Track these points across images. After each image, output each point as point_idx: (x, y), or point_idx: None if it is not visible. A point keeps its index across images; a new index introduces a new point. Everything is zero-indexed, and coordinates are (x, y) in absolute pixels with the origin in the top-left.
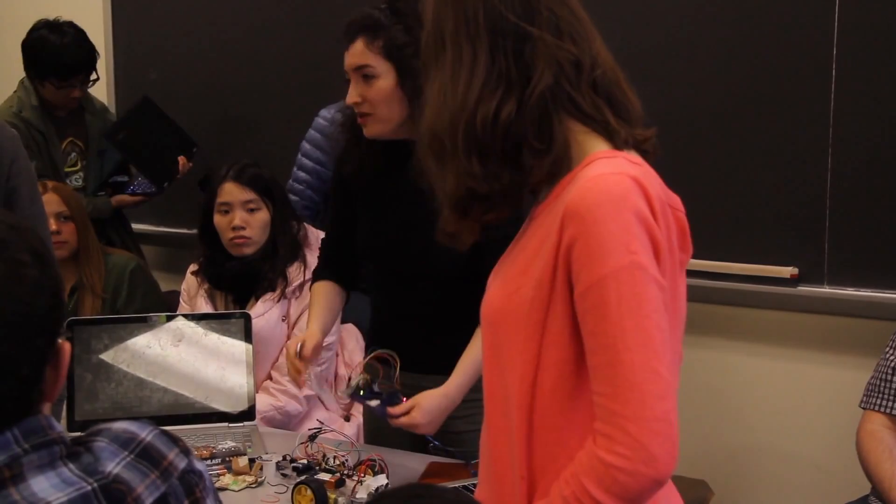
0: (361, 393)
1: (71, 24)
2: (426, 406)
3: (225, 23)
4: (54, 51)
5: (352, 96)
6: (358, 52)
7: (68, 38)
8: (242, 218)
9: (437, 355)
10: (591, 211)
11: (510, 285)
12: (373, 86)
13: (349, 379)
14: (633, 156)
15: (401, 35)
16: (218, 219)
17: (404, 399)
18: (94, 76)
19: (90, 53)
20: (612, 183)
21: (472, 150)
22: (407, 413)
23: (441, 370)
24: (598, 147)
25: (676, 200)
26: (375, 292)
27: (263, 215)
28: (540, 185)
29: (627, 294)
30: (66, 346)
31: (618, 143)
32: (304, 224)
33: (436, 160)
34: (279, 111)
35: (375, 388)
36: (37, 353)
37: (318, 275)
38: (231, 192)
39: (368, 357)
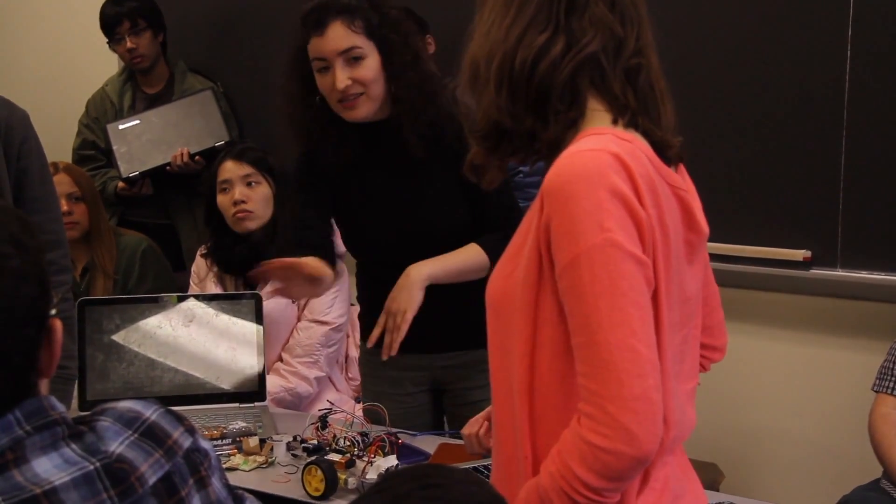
0: None
1: None
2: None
3: (228, 19)
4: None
5: (342, 81)
6: (342, 36)
7: None
8: (242, 192)
9: (446, 333)
10: (564, 188)
11: (506, 268)
12: (362, 66)
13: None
14: (625, 132)
15: (373, 14)
16: (220, 199)
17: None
18: (142, 25)
19: (133, 5)
20: (587, 159)
21: (503, 84)
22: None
23: (451, 347)
24: (598, 124)
25: (677, 178)
26: (369, 284)
27: (264, 189)
28: (551, 148)
29: (601, 272)
30: (58, 324)
31: (624, 121)
32: None
33: (471, 87)
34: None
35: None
36: (27, 342)
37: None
38: (230, 169)
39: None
